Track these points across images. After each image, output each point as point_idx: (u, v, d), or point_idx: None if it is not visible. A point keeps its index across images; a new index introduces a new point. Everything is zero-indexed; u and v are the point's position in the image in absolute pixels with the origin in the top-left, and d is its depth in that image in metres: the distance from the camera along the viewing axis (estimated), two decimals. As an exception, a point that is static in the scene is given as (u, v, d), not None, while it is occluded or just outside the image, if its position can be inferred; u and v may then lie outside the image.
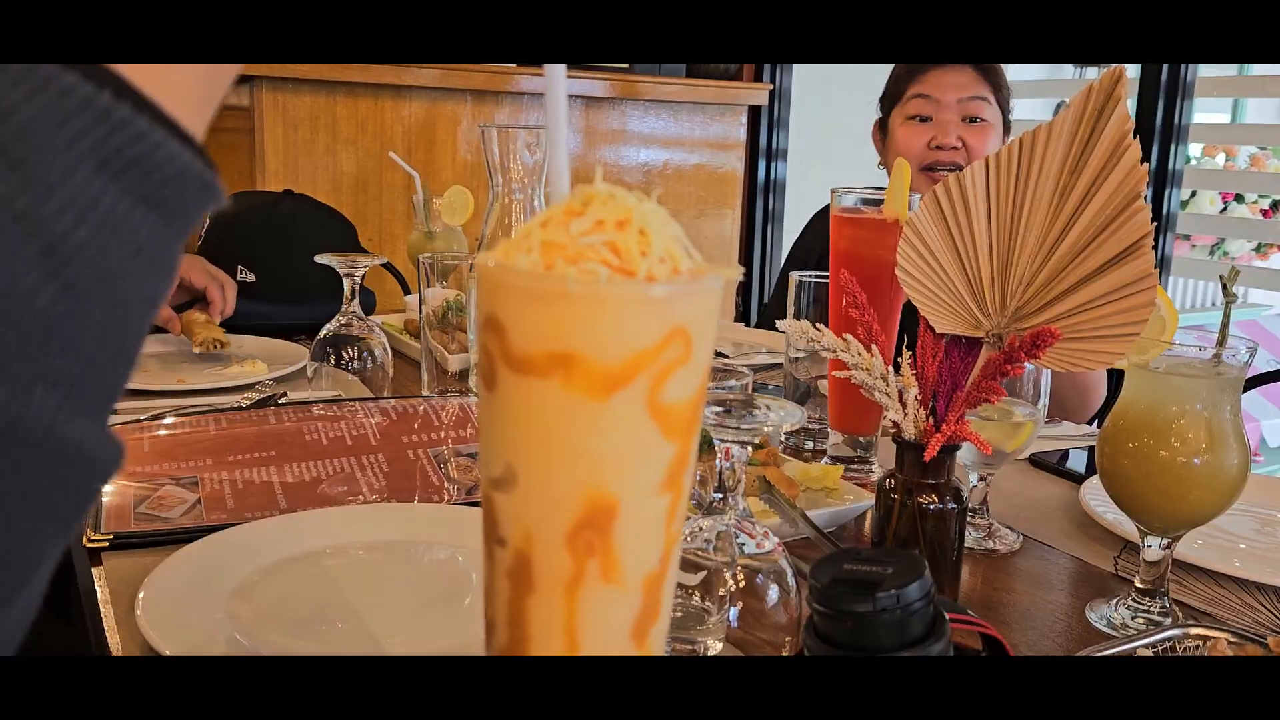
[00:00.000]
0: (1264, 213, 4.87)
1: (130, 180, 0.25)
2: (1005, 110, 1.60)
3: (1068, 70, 4.46)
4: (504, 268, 0.33)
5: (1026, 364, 0.78)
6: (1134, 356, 0.74)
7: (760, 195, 3.27)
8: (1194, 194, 4.65)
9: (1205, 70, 3.90)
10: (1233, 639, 0.59)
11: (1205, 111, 4.28)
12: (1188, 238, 4.68)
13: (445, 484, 0.97)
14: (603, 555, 0.35)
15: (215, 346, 1.38)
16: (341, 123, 2.55)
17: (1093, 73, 4.48)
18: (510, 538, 0.35)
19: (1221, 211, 4.74)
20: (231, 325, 1.45)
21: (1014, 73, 4.05)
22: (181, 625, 0.67)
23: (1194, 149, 4.69)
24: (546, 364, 0.33)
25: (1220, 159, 4.81)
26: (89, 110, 0.25)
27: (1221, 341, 0.73)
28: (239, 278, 1.56)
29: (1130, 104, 2.38)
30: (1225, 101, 4.90)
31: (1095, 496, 0.97)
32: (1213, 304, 4.92)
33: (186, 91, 0.27)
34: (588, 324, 0.33)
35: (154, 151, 0.26)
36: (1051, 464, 1.12)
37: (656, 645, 0.38)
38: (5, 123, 0.24)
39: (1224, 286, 0.75)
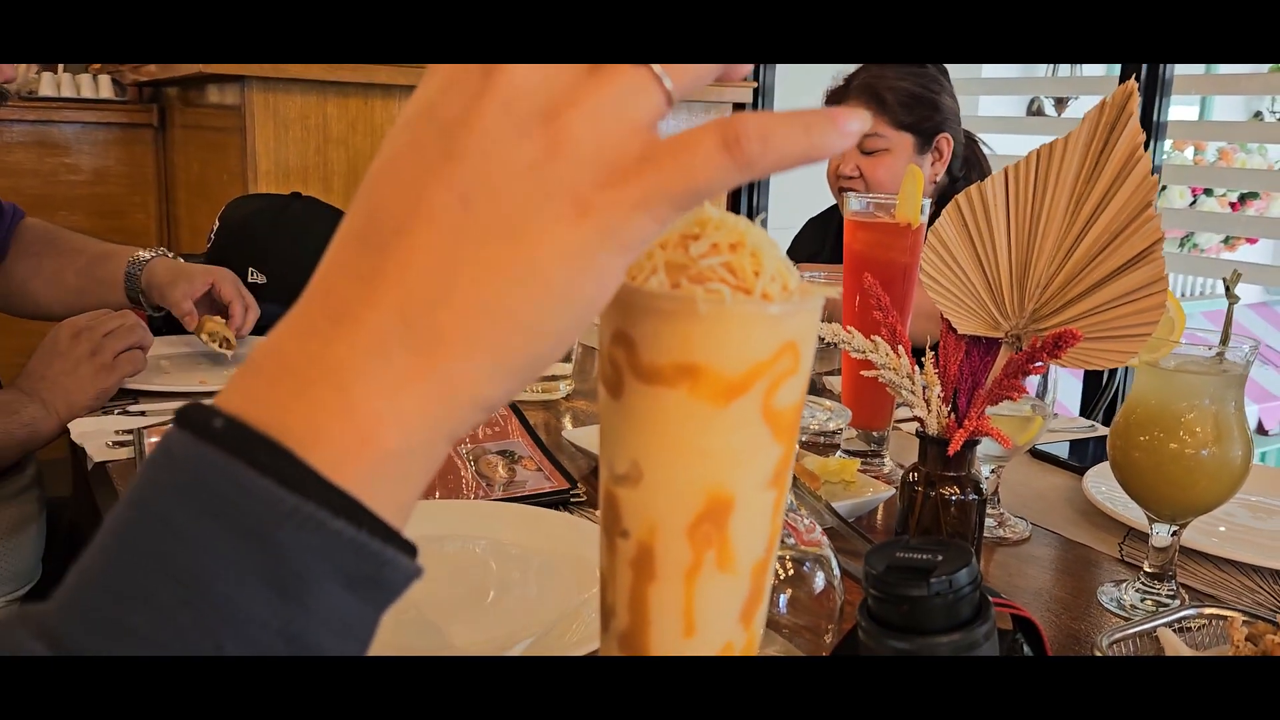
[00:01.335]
0: (1232, 206, 4.98)
1: (369, 594, 0.31)
2: (919, 124, 1.76)
3: (1039, 68, 4.53)
4: (633, 289, 0.37)
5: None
6: (1144, 355, 0.79)
7: (744, 193, 3.32)
8: (1164, 188, 4.75)
9: (1178, 69, 3.99)
10: (1246, 618, 0.64)
11: (1175, 106, 4.39)
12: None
13: (477, 480, 1.00)
14: (719, 546, 0.39)
15: (222, 344, 1.39)
16: (332, 122, 2.56)
17: (1064, 70, 4.56)
18: (634, 530, 0.39)
19: (1191, 205, 4.84)
20: (245, 327, 1.47)
21: (988, 70, 4.10)
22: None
23: (1164, 144, 4.79)
24: (674, 374, 0.37)
25: (1190, 153, 4.92)
26: (351, 546, 0.30)
27: (1225, 340, 0.78)
28: (249, 280, 1.58)
29: (1089, 100, 2.44)
30: (1194, 97, 5.00)
31: (1098, 486, 1.02)
32: (1184, 294, 5.03)
33: (408, 504, 0.32)
34: (713, 339, 0.36)
35: (390, 570, 0.31)
36: (1054, 456, 1.17)
37: (759, 627, 0.42)
38: (282, 562, 0.29)
39: (1227, 289, 0.79)
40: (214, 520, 0.29)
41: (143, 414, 1.20)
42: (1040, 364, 0.75)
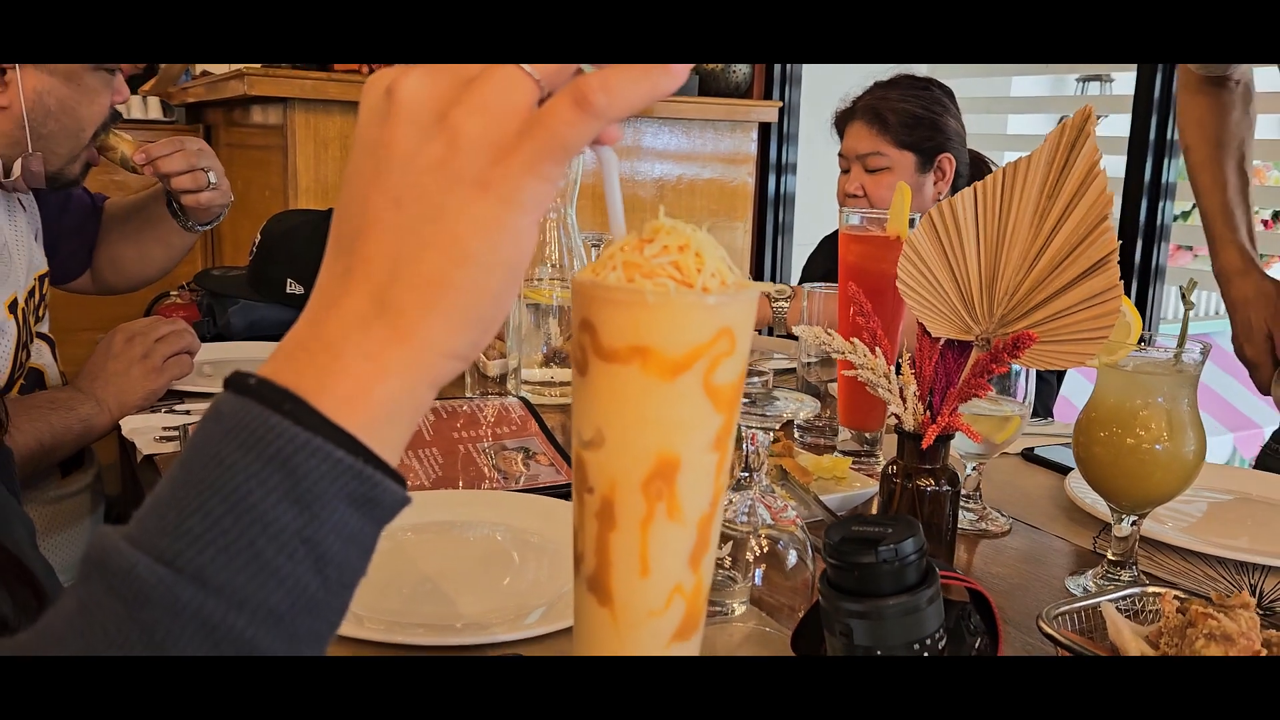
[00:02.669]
0: (1265, 224, 4.96)
1: (368, 510, 0.40)
2: (920, 144, 1.84)
3: (1068, 87, 4.56)
4: (595, 283, 0.45)
5: (1013, 365, 0.89)
6: (1104, 357, 0.85)
7: (770, 208, 3.39)
8: (1194, 207, 4.76)
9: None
10: (1180, 595, 0.70)
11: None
12: (1190, 249, 4.78)
13: (494, 473, 1.08)
14: (668, 499, 0.46)
15: (121, 161, 1.40)
16: (370, 141, 2.66)
17: (1094, 88, 4.59)
18: (598, 486, 0.46)
19: (1223, 222, 4.83)
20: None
21: (1016, 88, 4.14)
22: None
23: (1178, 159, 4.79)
24: (628, 354, 0.44)
25: (1221, 171, 4.90)
26: (351, 472, 0.39)
27: (1181, 343, 0.84)
28: (289, 289, 1.68)
29: (1124, 119, 2.49)
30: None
31: (1079, 484, 1.08)
32: (1217, 313, 5.02)
33: (400, 443, 0.42)
34: (659, 324, 0.44)
35: (382, 492, 0.40)
36: (1042, 457, 1.23)
37: (707, 571, 0.49)
38: (299, 481, 0.38)
39: (1183, 296, 0.86)
40: (249, 452, 0.38)
41: (187, 413, 1.29)
42: (1002, 364, 0.82)
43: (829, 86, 3.37)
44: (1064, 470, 1.17)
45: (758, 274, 3.44)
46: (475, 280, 0.40)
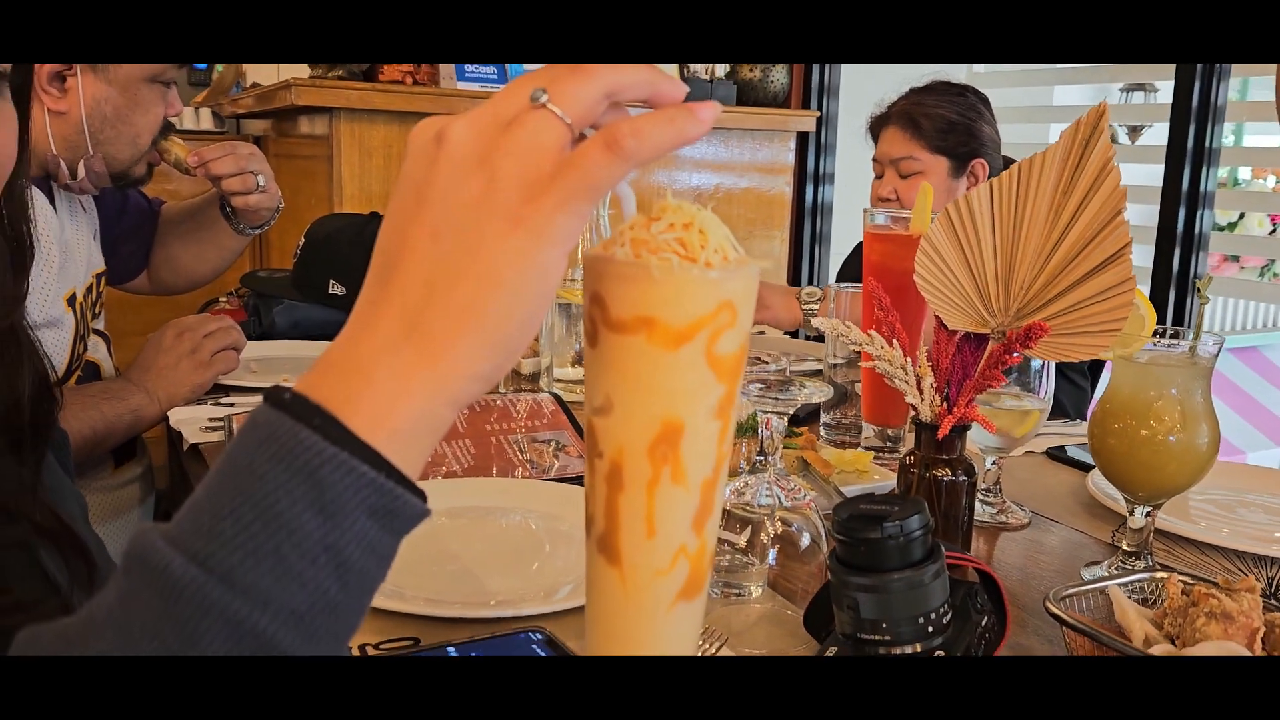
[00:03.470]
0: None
1: (387, 522, 0.43)
2: (954, 149, 1.86)
3: (1113, 95, 4.53)
4: (605, 258, 0.48)
5: (1032, 359, 0.91)
6: (1118, 349, 0.86)
7: (808, 218, 3.40)
8: (1242, 216, 4.69)
9: (1255, 94, 3.94)
10: (1186, 579, 0.71)
11: (1255, 134, 4.34)
12: (1236, 259, 4.72)
13: (525, 463, 1.12)
14: (673, 463, 0.49)
15: (176, 163, 1.50)
16: (413, 150, 2.72)
17: (1139, 97, 4.55)
18: (607, 451, 0.49)
19: (1271, 233, 4.76)
20: (328, 336, 1.61)
21: (1060, 97, 4.11)
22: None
23: (1244, 172, 4.73)
24: (634, 325, 0.47)
25: (1270, 181, 4.84)
26: (373, 485, 0.42)
27: (1196, 336, 0.86)
28: (330, 290, 1.73)
29: (1162, 128, 2.48)
30: (1275, 125, 4.92)
31: (1101, 480, 1.09)
32: (1265, 325, 4.94)
33: (421, 460, 0.45)
34: (664, 296, 0.47)
35: (402, 505, 0.43)
36: (1067, 456, 1.24)
37: (711, 535, 0.51)
38: (324, 492, 0.41)
39: (1198, 290, 0.87)
40: (279, 463, 0.41)
41: (232, 405, 1.34)
42: (1016, 354, 0.84)
43: (867, 96, 3.38)
44: (1088, 468, 1.18)
45: (794, 284, 3.46)
46: (505, 307, 0.43)
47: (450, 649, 0.69)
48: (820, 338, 1.81)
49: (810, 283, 3.46)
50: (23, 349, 0.71)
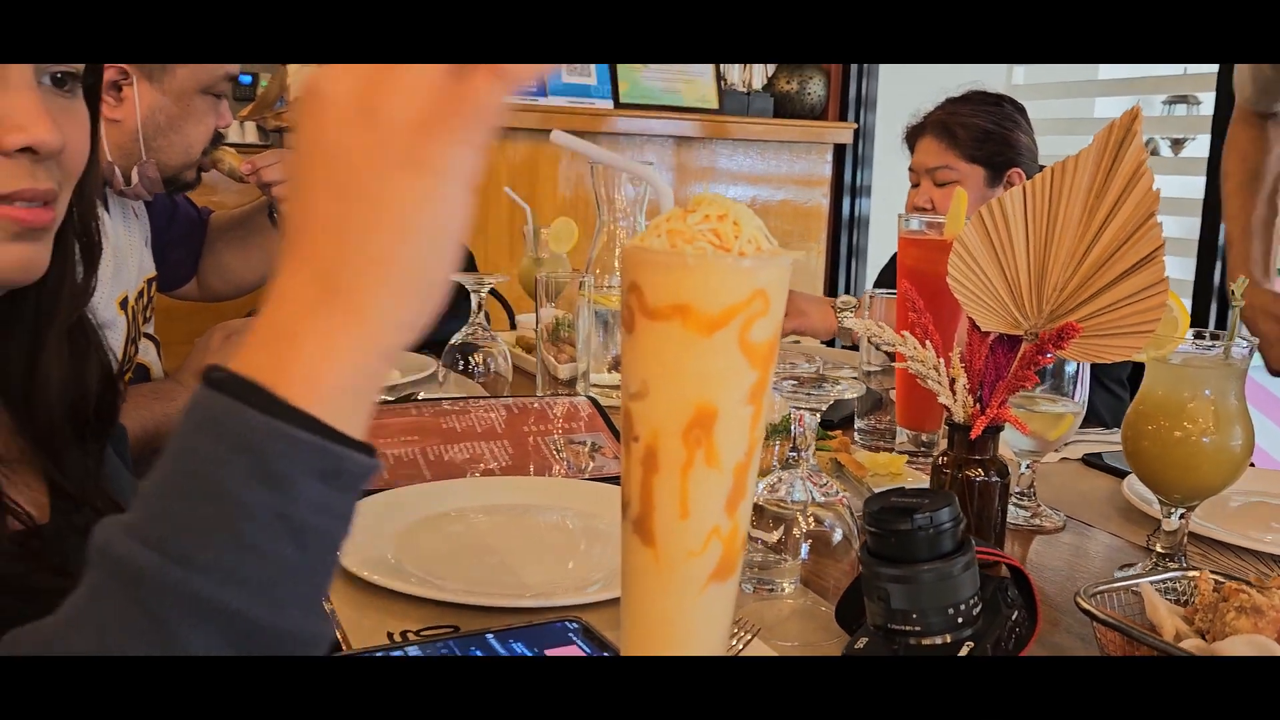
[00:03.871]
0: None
1: (337, 482, 0.43)
2: (990, 159, 1.88)
3: (1154, 108, 4.49)
4: (642, 247, 0.50)
5: (1066, 362, 0.92)
6: (1152, 351, 0.87)
7: (844, 230, 3.41)
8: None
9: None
10: (1218, 576, 0.71)
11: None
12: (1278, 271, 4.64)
13: (562, 463, 1.14)
14: (706, 447, 0.50)
15: (230, 173, 1.54)
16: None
17: (1181, 109, 4.51)
18: (642, 435, 0.51)
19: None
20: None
21: (1100, 109, 4.07)
22: (360, 555, 0.84)
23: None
24: (670, 312, 0.49)
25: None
26: (313, 448, 0.42)
27: (1230, 338, 0.86)
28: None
29: (1204, 140, 2.46)
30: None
31: (1137, 485, 1.09)
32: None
33: (363, 414, 0.45)
34: (698, 284, 0.48)
35: (349, 464, 0.43)
36: (1103, 462, 1.24)
37: (744, 517, 0.53)
38: (267, 464, 0.41)
39: (1232, 293, 0.87)
40: (219, 441, 0.42)
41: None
42: (1049, 355, 0.84)
43: (905, 108, 3.39)
44: (1124, 474, 1.18)
45: (832, 297, 3.46)
46: (419, 253, 0.43)
47: (489, 636, 0.71)
48: (855, 346, 1.82)
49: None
50: (90, 342, 0.74)
